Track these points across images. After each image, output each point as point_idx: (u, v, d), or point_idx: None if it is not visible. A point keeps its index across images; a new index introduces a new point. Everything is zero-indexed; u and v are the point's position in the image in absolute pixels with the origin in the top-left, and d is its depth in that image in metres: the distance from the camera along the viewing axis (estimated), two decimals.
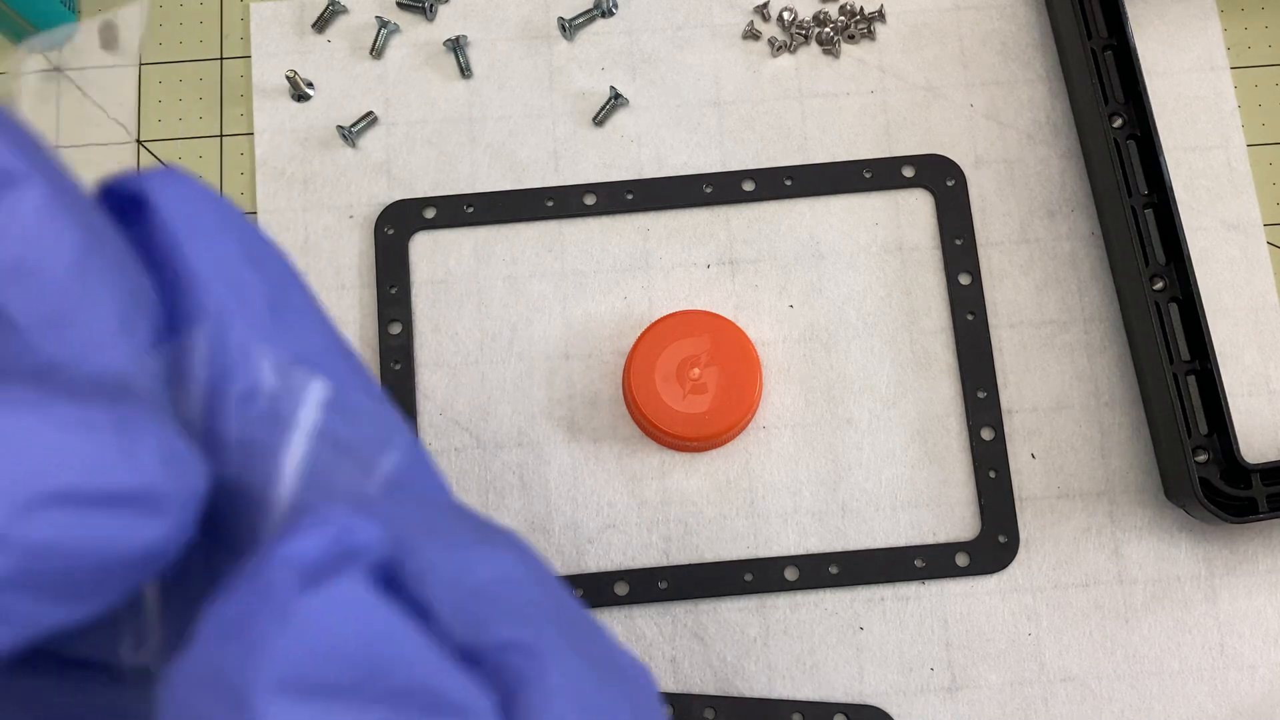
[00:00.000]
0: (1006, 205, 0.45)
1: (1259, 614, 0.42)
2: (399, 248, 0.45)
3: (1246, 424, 0.43)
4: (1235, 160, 0.46)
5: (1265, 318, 0.44)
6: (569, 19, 0.47)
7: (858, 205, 0.45)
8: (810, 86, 0.47)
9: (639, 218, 0.45)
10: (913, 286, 0.45)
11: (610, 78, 0.47)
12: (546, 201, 0.45)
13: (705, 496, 0.43)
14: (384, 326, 0.44)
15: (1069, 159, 0.46)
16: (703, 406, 0.41)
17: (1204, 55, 0.47)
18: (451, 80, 0.47)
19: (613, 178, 0.46)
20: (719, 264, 0.45)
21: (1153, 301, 0.42)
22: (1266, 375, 0.44)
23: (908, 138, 0.46)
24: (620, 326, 0.44)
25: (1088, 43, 0.44)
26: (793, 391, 0.44)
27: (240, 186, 0.46)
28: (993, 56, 0.47)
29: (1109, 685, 0.41)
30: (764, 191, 0.45)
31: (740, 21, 0.47)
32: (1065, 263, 0.45)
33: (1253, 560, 0.42)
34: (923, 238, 0.45)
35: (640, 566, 0.42)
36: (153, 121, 0.47)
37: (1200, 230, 0.45)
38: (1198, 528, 0.42)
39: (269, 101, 0.47)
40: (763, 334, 0.44)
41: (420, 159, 0.46)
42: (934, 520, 0.42)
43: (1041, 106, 0.46)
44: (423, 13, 0.47)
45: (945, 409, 0.43)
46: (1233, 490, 0.40)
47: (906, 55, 0.47)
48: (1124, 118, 0.44)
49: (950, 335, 0.44)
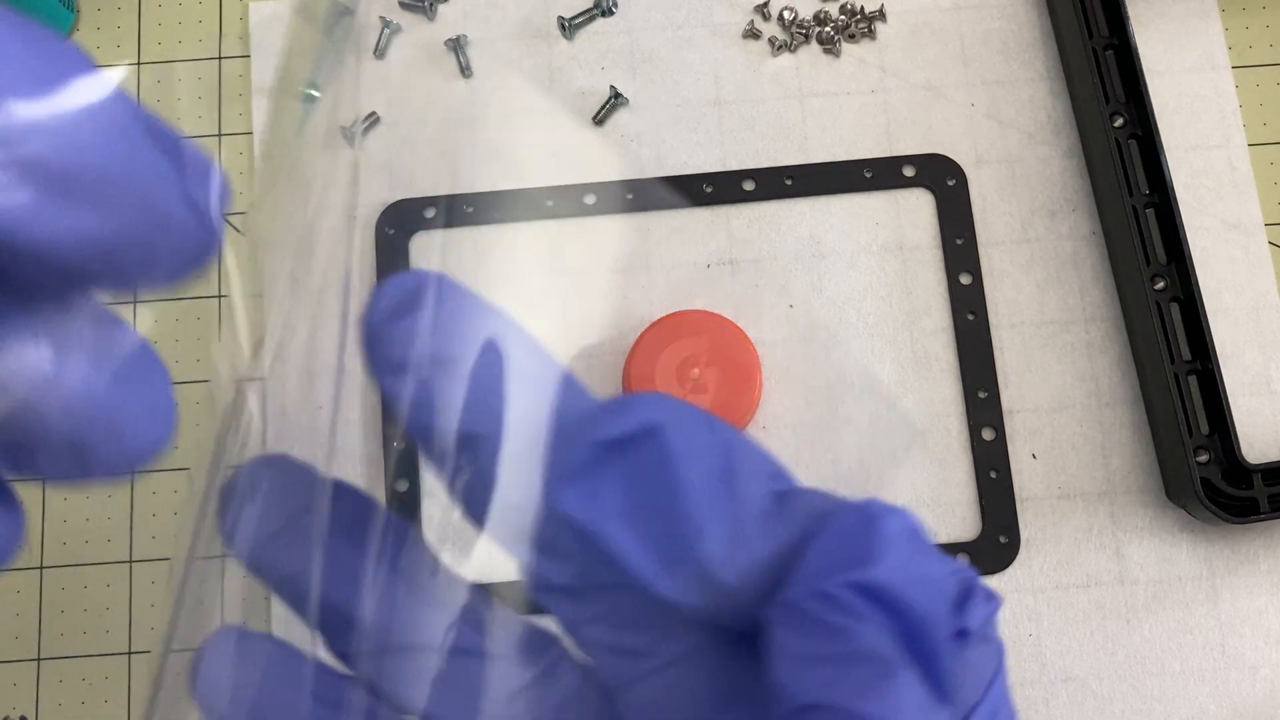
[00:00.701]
0: (1007, 205, 0.45)
1: (1260, 614, 0.42)
2: (399, 247, 0.45)
3: (1248, 424, 0.43)
4: (1236, 160, 0.46)
5: (1266, 317, 0.44)
6: (569, 18, 0.47)
7: (858, 205, 0.45)
8: (811, 86, 0.47)
9: (639, 218, 0.45)
10: (913, 286, 0.45)
11: (610, 77, 0.47)
12: (546, 201, 0.45)
13: None
14: None
15: (1070, 158, 0.46)
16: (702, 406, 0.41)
17: (1205, 54, 0.47)
18: (452, 80, 0.47)
19: (613, 177, 0.46)
20: (719, 264, 0.45)
21: (1154, 301, 0.42)
22: (1268, 375, 0.44)
23: (908, 137, 0.46)
24: (620, 326, 0.44)
25: (1089, 42, 0.44)
26: (793, 391, 0.44)
27: (239, 186, 0.46)
28: (993, 56, 0.47)
29: (1110, 686, 0.41)
30: (764, 191, 0.45)
31: (740, 21, 0.47)
32: (1066, 262, 0.45)
33: (1254, 560, 0.42)
34: (923, 237, 0.45)
35: None
36: None
37: (1201, 230, 0.45)
38: (1199, 528, 0.42)
39: (268, 101, 0.47)
40: (763, 334, 0.44)
41: (421, 159, 0.46)
42: (935, 520, 0.42)
43: (1042, 106, 0.46)
44: (423, 12, 0.47)
45: (946, 409, 0.43)
46: (1234, 490, 0.40)
47: (907, 54, 0.47)
48: (1125, 117, 0.44)
49: (951, 335, 0.44)
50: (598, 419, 0.19)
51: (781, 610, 0.18)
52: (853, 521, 0.19)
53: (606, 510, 0.19)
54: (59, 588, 0.43)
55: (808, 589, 0.18)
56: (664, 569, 0.19)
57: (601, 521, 0.19)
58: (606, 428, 0.19)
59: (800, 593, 0.18)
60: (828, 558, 0.18)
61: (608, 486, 0.19)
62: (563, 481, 0.19)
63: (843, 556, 0.18)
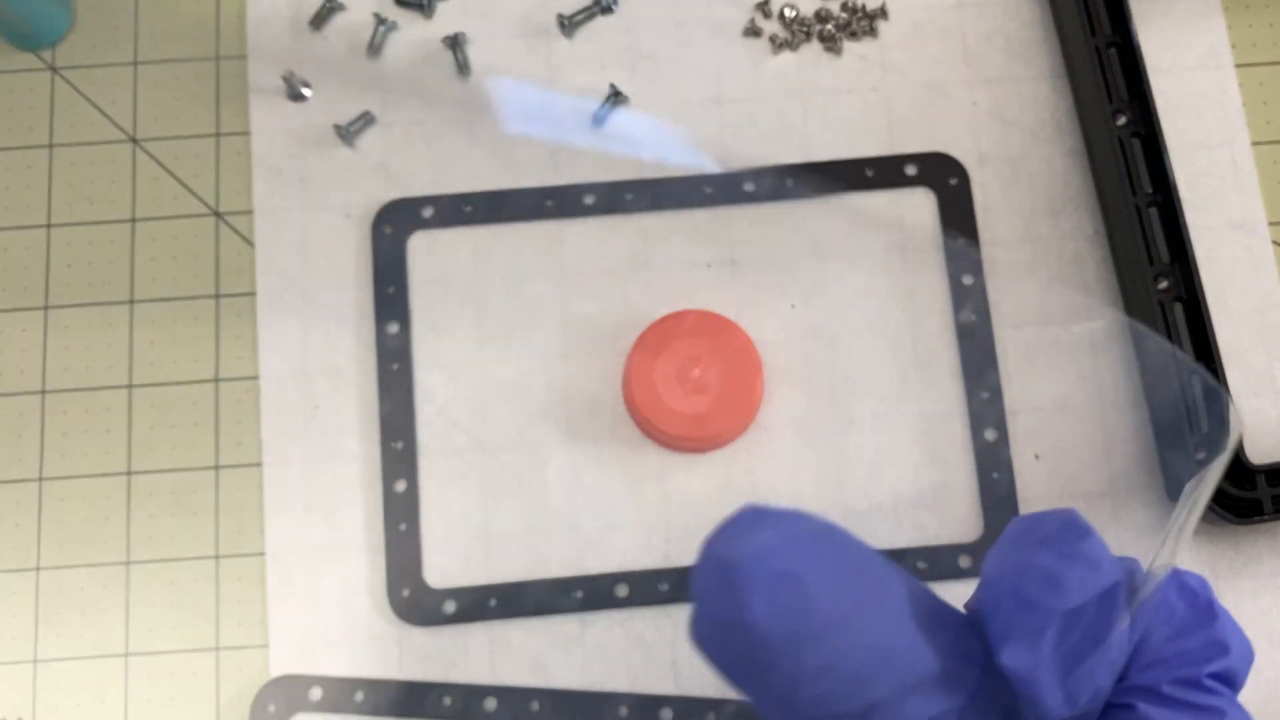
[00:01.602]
0: (1010, 204, 0.45)
1: (1264, 616, 0.42)
2: (397, 247, 0.45)
3: (1251, 424, 0.43)
4: (1240, 159, 0.45)
5: (1270, 318, 0.44)
6: (568, 16, 0.47)
7: (860, 204, 0.45)
8: (812, 84, 0.46)
9: (639, 218, 0.45)
10: (915, 286, 0.44)
11: (610, 75, 0.47)
12: (546, 201, 0.45)
13: (706, 498, 0.43)
14: (382, 327, 0.44)
15: (1073, 157, 0.46)
16: (703, 407, 0.41)
17: (1209, 53, 0.46)
18: (450, 78, 0.47)
19: (613, 177, 0.45)
20: (719, 264, 0.45)
21: (1157, 301, 0.41)
22: (1271, 375, 0.43)
23: (910, 136, 0.46)
24: (620, 326, 0.44)
25: (1092, 40, 0.44)
26: (794, 392, 0.43)
27: (237, 186, 0.46)
28: (996, 54, 0.47)
29: None
30: (765, 191, 0.45)
31: (741, 18, 0.47)
32: (1069, 262, 0.45)
33: (1257, 562, 0.42)
34: (925, 237, 0.45)
35: (641, 568, 0.42)
36: (149, 120, 0.47)
37: (1205, 229, 0.45)
38: (1202, 529, 0.42)
39: (265, 100, 0.46)
40: (764, 334, 0.44)
41: (418, 158, 0.46)
42: (936, 522, 0.42)
43: (1045, 104, 0.46)
44: (421, 10, 0.47)
45: (948, 409, 0.43)
46: (1237, 491, 0.40)
47: (909, 52, 0.47)
48: (1128, 116, 0.43)
49: (953, 335, 0.44)
50: (1065, 579, 0.22)
51: (1144, 694, 0.22)
52: (1180, 600, 0.24)
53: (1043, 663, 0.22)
54: (56, 589, 0.43)
55: (1168, 676, 0.22)
56: (1069, 708, 0.22)
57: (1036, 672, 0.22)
58: (1078, 594, 0.22)
59: (1157, 679, 0.22)
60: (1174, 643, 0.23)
61: (1049, 644, 0.22)
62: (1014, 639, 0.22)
63: (1190, 643, 0.23)
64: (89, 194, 0.46)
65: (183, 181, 0.46)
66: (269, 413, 0.44)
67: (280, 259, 0.45)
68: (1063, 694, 0.21)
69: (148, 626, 0.42)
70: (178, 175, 0.46)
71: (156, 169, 0.46)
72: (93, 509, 0.43)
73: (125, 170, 0.46)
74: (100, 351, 0.45)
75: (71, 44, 0.48)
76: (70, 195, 0.46)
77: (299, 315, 0.44)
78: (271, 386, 0.44)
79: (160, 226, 0.46)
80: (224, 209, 0.46)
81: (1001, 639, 0.22)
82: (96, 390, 0.44)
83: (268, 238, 0.45)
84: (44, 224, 0.46)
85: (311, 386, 0.44)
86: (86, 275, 0.45)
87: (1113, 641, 0.22)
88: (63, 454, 0.44)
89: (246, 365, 0.44)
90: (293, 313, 0.44)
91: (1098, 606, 0.21)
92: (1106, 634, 0.22)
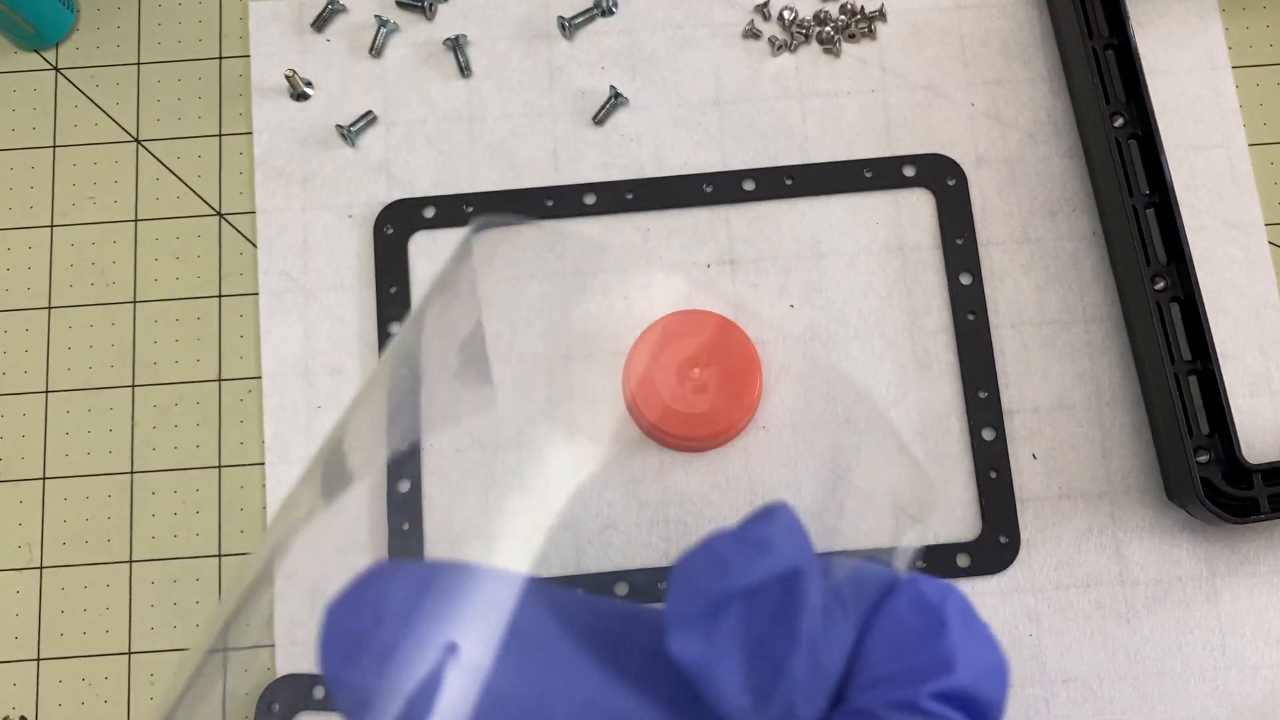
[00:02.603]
0: (1007, 205, 0.45)
1: (1260, 614, 0.42)
2: (398, 247, 0.45)
3: (1248, 424, 0.43)
4: (1237, 160, 0.46)
5: (1267, 317, 0.44)
6: (569, 18, 0.47)
7: (858, 205, 0.45)
8: (811, 86, 0.47)
9: (639, 217, 0.45)
10: (913, 286, 0.45)
11: (610, 77, 0.47)
12: (546, 201, 0.45)
13: (705, 496, 0.43)
14: (383, 326, 0.44)
15: (1070, 158, 0.46)
16: (703, 406, 0.41)
17: (1205, 54, 0.47)
18: (451, 79, 0.47)
19: (613, 177, 0.46)
20: (719, 264, 0.45)
21: (1154, 301, 0.42)
22: (1268, 375, 0.44)
23: (908, 137, 0.46)
24: (620, 326, 0.44)
25: (1089, 42, 0.44)
26: (793, 391, 0.44)
27: (239, 186, 0.46)
28: (994, 55, 0.47)
29: (1110, 686, 0.41)
30: (764, 191, 0.45)
31: (740, 20, 0.47)
32: (1066, 262, 0.45)
33: (1254, 561, 0.42)
34: (923, 237, 0.45)
35: (640, 567, 0.42)
36: (152, 121, 0.47)
37: (1202, 230, 0.45)
38: (1199, 528, 0.42)
39: (268, 101, 0.47)
40: (763, 334, 0.44)
41: (420, 158, 0.46)
42: (935, 521, 0.42)
43: (1043, 106, 0.46)
44: (422, 11, 0.47)
45: (946, 409, 0.43)
46: (1234, 490, 0.40)
47: (907, 54, 0.47)
48: (1125, 117, 0.43)
49: (951, 335, 0.44)
50: (733, 560, 0.19)
51: (859, 718, 0.19)
52: (911, 613, 0.20)
53: (720, 653, 0.19)
54: (59, 588, 0.43)
55: (885, 698, 0.19)
56: (758, 710, 0.19)
57: (713, 665, 0.19)
58: (744, 575, 0.19)
59: (875, 700, 0.19)
60: (897, 659, 0.19)
61: (726, 633, 0.19)
62: (681, 627, 0.19)
63: (914, 659, 0.19)
64: (92, 194, 0.46)
65: (185, 182, 0.46)
66: (271, 412, 0.44)
67: (282, 259, 0.45)
68: (749, 688, 0.19)
69: (150, 625, 0.42)
70: (180, 175, 0.46)
71: (159, 169, 0.47)
72: (95, 508, 0.43)
73: (128, 170, 0.47)
74: (103, 351, 0.45)
75: (75, 45, 0.48)
76: (73, 195, 0.46)
77: (301, 315, 0.45)
78: (274, 386, 0.44)
79: (163, 226, 0.46)
80: (226, 209, 0.46)
81: (669, 628, 0.20)
82: (99, 390, 0.44)
83: (270, 238, 0.45)
84: (47, 224, 0.46)
85: (314, 386, 0.44)
86: (89, 275, 0.46)
87: (809, 638, 0.19)
88: (66, 453, 0.44)
89: (249, 365, 0.44)
90: (295, 312, 0.45)
91: (781, 595, 0.19)
92: (795, 625, 0.19)
